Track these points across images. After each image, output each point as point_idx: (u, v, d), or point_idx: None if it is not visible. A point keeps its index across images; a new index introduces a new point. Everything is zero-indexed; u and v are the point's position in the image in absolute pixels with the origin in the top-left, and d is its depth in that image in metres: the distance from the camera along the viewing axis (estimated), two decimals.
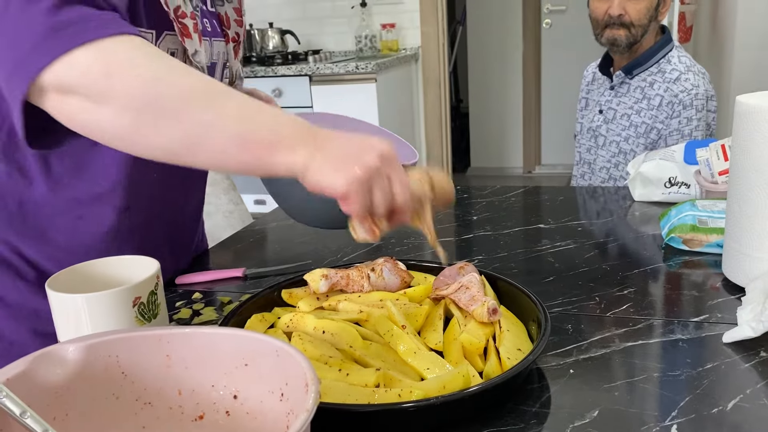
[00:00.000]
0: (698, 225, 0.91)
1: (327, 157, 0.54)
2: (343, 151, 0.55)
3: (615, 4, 1.47)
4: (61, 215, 0.79)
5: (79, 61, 0.53)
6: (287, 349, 0.44)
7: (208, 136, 0.54)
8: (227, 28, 0.90)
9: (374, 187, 0.55)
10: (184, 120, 0.54)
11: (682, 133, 1.48)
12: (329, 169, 0.54)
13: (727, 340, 0.66)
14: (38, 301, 0.81)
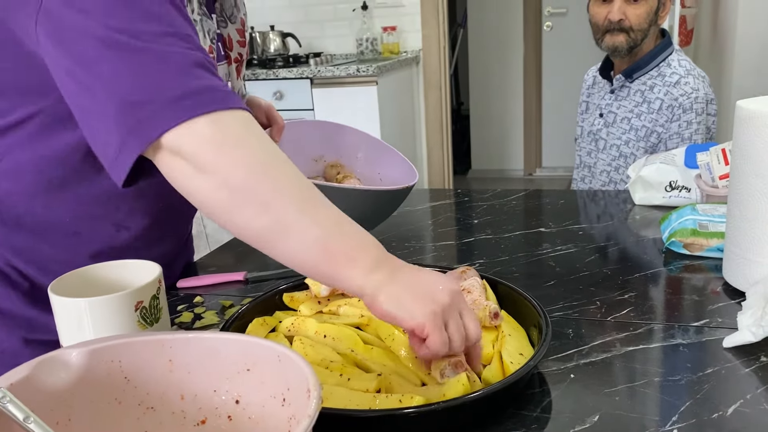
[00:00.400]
0: (699, 229, 0.92)
1: (403, 287, 0.55)
2: (417, 285, 0.56)
3: (615, 9, 1.48)
4: (56, 231, 0.79)
5: (197, 130, 0.56)
6: (289, 354, 0.44)
7: (291, 235, 0.55)
8: (230, 50, 0.90)
9: (450, 321, 0.56)
10: (272, 213, 0.55)
11: (682, 137, 1.48)
12: (408, 300, 0.55)
13: (727, 345, 0.66)
14: (32, 311, 0.81)
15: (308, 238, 0.55)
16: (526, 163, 4.53)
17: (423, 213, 1.24)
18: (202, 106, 0.56)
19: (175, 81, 0.57)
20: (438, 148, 3.31)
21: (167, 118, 0.56)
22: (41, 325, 0.79)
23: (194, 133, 0.55)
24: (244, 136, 0.58)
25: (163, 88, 0.56)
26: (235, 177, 0.55)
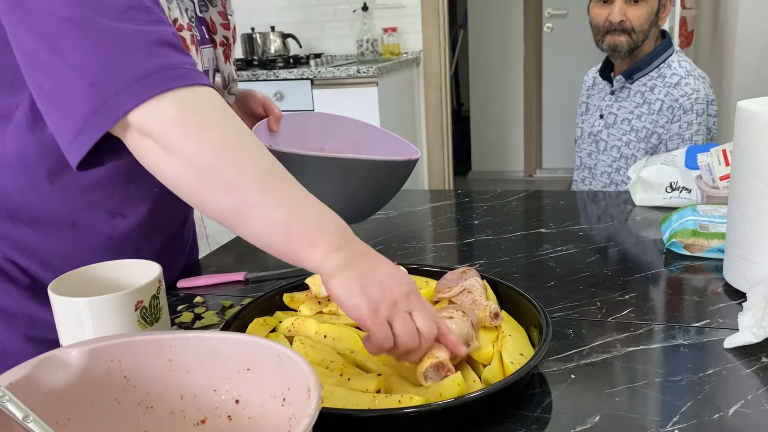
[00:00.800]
0: (699, 230, 0.92)
1: (356, 277, 0.56)
2: (371, 277, 0.57)
3: (615, 10, 1.47)
4: (54, 222, 0.79)
5: (162, 110, 0.56)
6: (289, 353, 0.44)
7: (255, 216, 0.56)
8: (214, 34, 0.90)
9: (396, 318, 0.56)
10: (236, 194, 0.56)
11: (682, 138, 1.48)
12: (357, 291, 0.56)
13: (728, 346, 0.66)
14: (33, 308, 0.81)
15: (271, 220, 0.56)
16: (526, 165, 4.53)
17: (423, 214, 1.24)
18: (165, 83, 0.56)
19: (137, 60, 0.56)
20: (438, 149, 3.31)
21: (131, 98, 0.55)
22: (43, 322, 0.79)
23: (159, 113, 0.56)
24: (209, 114, 0.58)
25: (125, 68, 0.56)
26: (201, 158, 0.56)
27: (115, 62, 0.56)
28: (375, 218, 1.20)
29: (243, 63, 3.10)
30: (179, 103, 0.56)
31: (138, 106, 0.55)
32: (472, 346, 0.60)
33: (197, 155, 0.56)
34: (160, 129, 0.56)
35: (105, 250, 0.82)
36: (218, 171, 0.56)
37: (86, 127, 0.57)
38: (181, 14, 0.76)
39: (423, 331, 0.56)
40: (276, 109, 0.99)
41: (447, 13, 3.19)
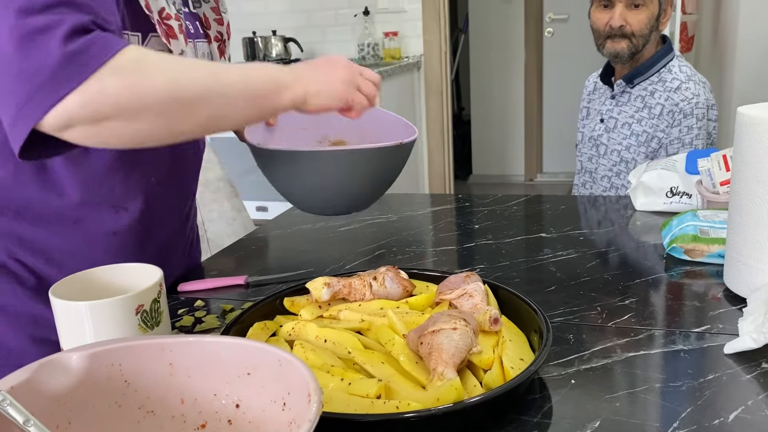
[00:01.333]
0: (700, 235, 0.92)
1: (317, 85, 0.72)
2: (324, 76, 0.73)
3: (616, 15, 1.48)
4: (58, 219, 0.79)
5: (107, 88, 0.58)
6: (290, 358, 0.44)
7: (228, 109, 0.67)
8: (208, 29, 0.92)
9: (360, 85, 0.76)
10: (206, 106, 0.64)
11: (683, 142, 1.48)
12: (326, 94, 0.73)
13: (728, 351, 0.66)
14: (37, 307, 0.81)
15: (240, 106, 0.68)
16: (527, 169, 4.54)
17: (424, 218, 1.24)
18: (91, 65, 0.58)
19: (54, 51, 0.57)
20: (439, 153, 3.31)
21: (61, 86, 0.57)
22: (47, 323, 0.79)
23: (104, 89, 0.58)
24: (146, 67, 0.61)
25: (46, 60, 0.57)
26: (164, 102, 0.61)
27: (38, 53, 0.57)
28: (376, 222, 1.21)
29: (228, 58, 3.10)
30: (115, 76, 0.59)
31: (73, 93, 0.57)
32: (474, 350, 0.60)
33: (159, 103, 0.61)
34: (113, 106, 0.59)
35: (109, 245, 0.83)
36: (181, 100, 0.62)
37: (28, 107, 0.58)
38: (168, 4, 0.78)
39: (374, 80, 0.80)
40: None
41: (448, 17, 3.20)
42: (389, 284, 0.76)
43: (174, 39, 0.78)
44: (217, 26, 0.94)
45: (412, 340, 0.62)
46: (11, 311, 0.81)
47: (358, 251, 1.06)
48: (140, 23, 0.76)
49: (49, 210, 0.79)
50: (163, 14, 0.77)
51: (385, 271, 0.78)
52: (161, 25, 0.77)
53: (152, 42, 0.78)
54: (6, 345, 0.82)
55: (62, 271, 0.81)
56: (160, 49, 0.79)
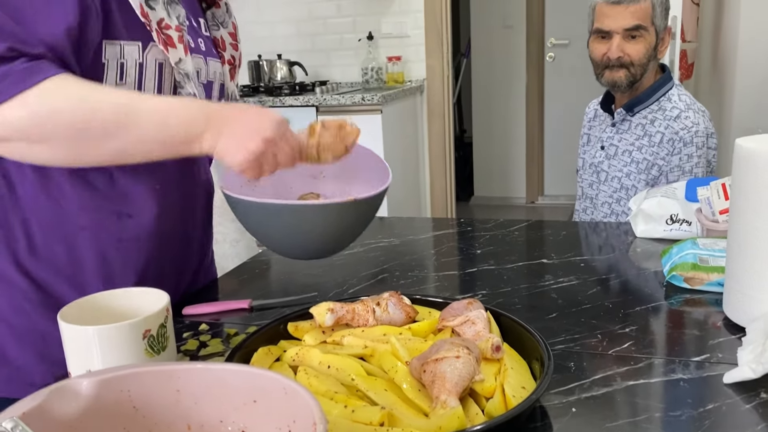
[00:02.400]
0: (699, 263, 0.93)
1: (228, 139, 0.70)
2: (238, 132, 0.70)
3: (614, 46, 1.50)
4: (63, 228, 0.81)
5: (8, 118, 0.63)
6: (295, 387, 0.45)
7: (135, 148, 0.68)
8: (223, 50, 0.96)
9: (263, 163, 0.72)
10: (112, 142, 0.67)
11: (683, 170, 1.50)
12: (231, 152, 0.70)
13: (727, 381, 0.67)
14: (45, 324, 0.82)
15: (149, 143, 0.69)
16: (528, 191, 4.56)
17: (426, 242, 1.25)
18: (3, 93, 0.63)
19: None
20: (441, 176, 3.33)
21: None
22: (55, 340, 0.80)
23: (6, 122, 0.63)
24: (52, 100, 0.65)
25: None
26: (65, 135, 0.65)
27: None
28: (379, 245, 1.22)
29: (249, 89, 3.15)
30: (20, 105, 0.63)
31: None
32: (477, 379, 0.61)
33: (59, 135, 0.65)
34: (14, 132, 0.64)
35: (115, 254, 0.84)
36: (84, 135, 0.65)
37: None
38: (168, 16, 0.81)
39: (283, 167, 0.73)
40: None
41: (450, 42, 3.24)
42: (392, 310, 0.77)
43: (172, 47, 0.81)
44: (232, 50, 0.98)
45: (415, 367, 0.63)
46: (20, 328, 0.82)
47: (361, 275, 1.07)
48: (138, 32, 0.79)
49: (55, 219, 0.80)
50: (162, 24, 0.80)
51: (388, 296, 0.79)
52: (159, 34, 0.79)
53: (153, 51, 0.80)
54: (14, 363, 0.82)
55: (70, 284, 0.82)
56: (161, 57, 0.81)
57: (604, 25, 1.51)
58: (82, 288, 0.83)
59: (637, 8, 1.48)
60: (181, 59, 0.82)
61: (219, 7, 0.96)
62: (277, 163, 0.73)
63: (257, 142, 0.69)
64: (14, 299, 0.82)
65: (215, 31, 0.96)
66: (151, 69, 0.80)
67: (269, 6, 3.38)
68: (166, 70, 0.82)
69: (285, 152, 0.73)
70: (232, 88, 0.99)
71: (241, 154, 0.69)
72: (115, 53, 0.76)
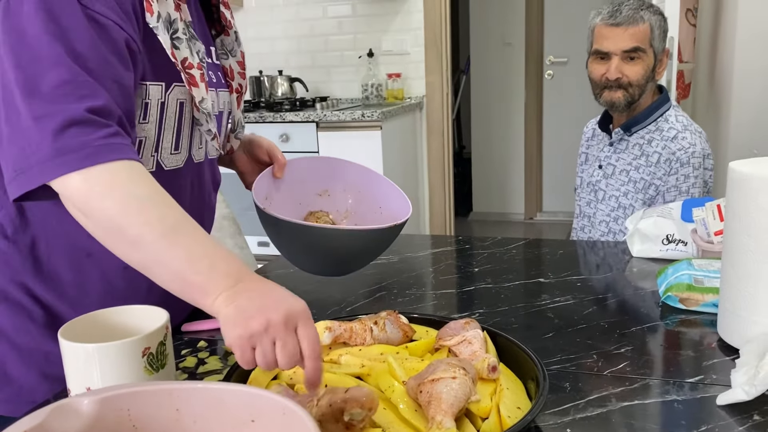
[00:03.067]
0: (694, 284, 0.93)
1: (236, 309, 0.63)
2: (248, 306, 0.63)
3: (612, 68, 1.52)
4: (70, 252, 0.82)
5: (71, 185, 0.66)
6: (293, 408, 0.45)
7: (156, 269, 0.67)
8: (231, 80, 0.97)
9: (258, 346, 0.62)
10: (140, 252, 0.66)
11: (679, 190, 1.51)
12: (230, 324, 0.62)
13: (721, 403, 0.68)
14: (48, 344, 0.82)
15: (169, 274, 0.66)
16: (526, 207, 4.57)
17: (424, 259, 1.26)
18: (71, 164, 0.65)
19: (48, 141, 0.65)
20: (440, 192, 3.35)
21: (45, 172, 0.66)
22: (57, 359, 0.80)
23: (68, 187, 0.66)
24: (112, 186, 0.67)
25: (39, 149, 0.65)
26: (103, 222, 0.66)
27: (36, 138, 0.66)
28: (377, 263, 1.23)
29: (250, 105, 3.17)
30: (83, 180, 0.66)
31: (53, 179, 0.66)
32: (473, 399, 0.62)
33: (100, 219, 0.66)
34: (71, 197, 0.67)
35: (121, 281, 0.85)
36: (118, 232, 0.66)
37: (14, 182, 0.67)
38: (191, 54, 0.82)
39: (280, 365, 0.62)
40: (281, 157, 1.03)
41: (450, 59, 3.27)
42: (389, 329, 0.78)
43: (195, 87, 0.82)
44: (240, 79, 0.99)
45: (412, 387, 0.63)
46: (23, 349, 0.83)
47: (359, 292, 1.08)
48: (163, 73, 0.80)
49: (63, 242, 0.81)
50: (185, 63, 0.81)
51: (385, 315, 0.79)
52: (183, 73, 0.80)
53: (175, 91, 0.82)
54: (18, 381, 0.83)
55: (74, 306, 0.83)
56: (183, 97, 0.83)
57: (603, 46, 1.54)
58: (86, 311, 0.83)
59: (636, 31, 1.50)
60: (203, 98, 0.83)
61: (228, 35, 0.96)
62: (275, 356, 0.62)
63: (260, 321, 0.61)
64: (18, 319, 0.82)
65: (224, 59, 0.97)
66: (172, 108, 0.82)
67: (271, 22, 3.42)
68: (186, 110, 0.84)
69: (290, 347, 0.62)
70: (238, 116, 1.00)
71: (239, 329, 0.61)
72: (141, 94, 0.78)
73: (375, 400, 0.57)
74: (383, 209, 1.08)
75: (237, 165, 1.07)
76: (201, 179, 0.94)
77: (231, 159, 1.06)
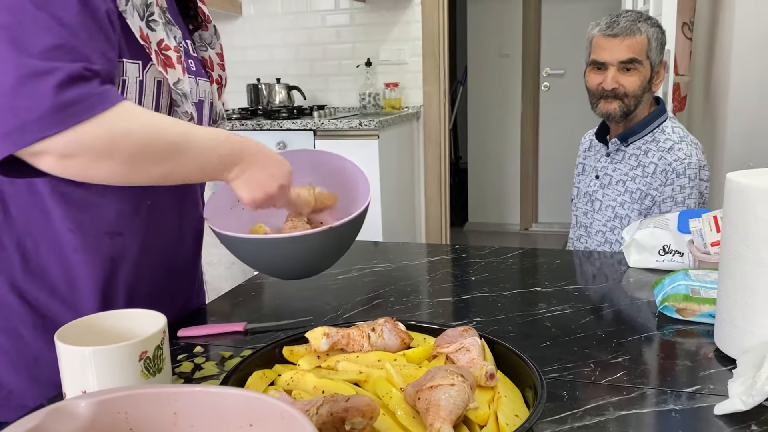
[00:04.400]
0: (691, 294, 0.94)
1: (250, 178, 0.81)
2: (257, 175, 0.81)
3: (609, 78, 1.54)
4: (57, 248, 0.81)
5: (86, 136, 0.66)
6: (292, 412, 0.45)
7: (180, 171, 0.75)
8: (211, 70, 0.99)
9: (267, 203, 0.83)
10: (165, 165, 0.73)
11: (675, 201, 1.52)
12: (245, 190, 0.81)
13: (718, 413, 0.68)
14: (38, 347, 0.82)
15: (190, 170, 0.76)
16: (522, 218, 4.58)
17: (421, 268, 1.26)
18: (79, 115, 0.65)
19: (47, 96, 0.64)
20: (436, 202, 3.35)
21: (45, 128, 0.64)
22: (48, 363, 0.80)
23: (83, 139, 0.66)
24: (127, 123, 0.69)
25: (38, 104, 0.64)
26: (131, 154, 0.69)
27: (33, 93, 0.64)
28: (374, 270, 1.22)
29: (248, 112, 3.17)
30: (98, 125, 0.67)
31: (57, 134, 0.65)
32: (471, 406, 0.62)
33: (127, 154, 0.69)
34: (85, 149, 0.67)
35: (109, 274, 0.85)
36: (146, 156, 0.71)
37: (5, 141, 0.64)
38: (168, 37, 0.84)
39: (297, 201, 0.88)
40: None
41: (447, 70, 3.29)
42: (387, 336, 0.78)
43: (171, 68, 0.83)
44: (219, 70, 1.01)
45: (410, 394, 0.63)
46: (13, 352, 0.82)
47: (355, 300, 1.08)
48: (140, 52, 0.81)
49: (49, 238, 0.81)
50: (161, 45, 0.82)
51: (383, 322, 0.79)
52: (159, 55, 0.81)
53: (151, 70, 0.82)
54: (7, 386, 0.82)
55: (66, 304, 0.82)
56: (160, 76, 0.84)
57: (600, 56, 1.55)
58: (77, 308, 0.83)
59: (633, 42, 1.52)
60: (179, 79, 0.84)
61: (206, 29, 0.99)
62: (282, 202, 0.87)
63: (274, 187, 0.82)
64: (8, 322, 0.82)
65: (203, 51, 0.99)
66: (150, 87, 0.83)
67: (269, 30, 3.43)
68: (164, 89, 0.85)
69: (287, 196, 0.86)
70: (220, 107, 1.02)
71: (260, 193, 0.81)
72: (118, 71, 0.78)
73: (376, 409, 0.57)
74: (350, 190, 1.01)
75: None
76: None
77: None
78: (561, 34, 4.29)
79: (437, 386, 0.60)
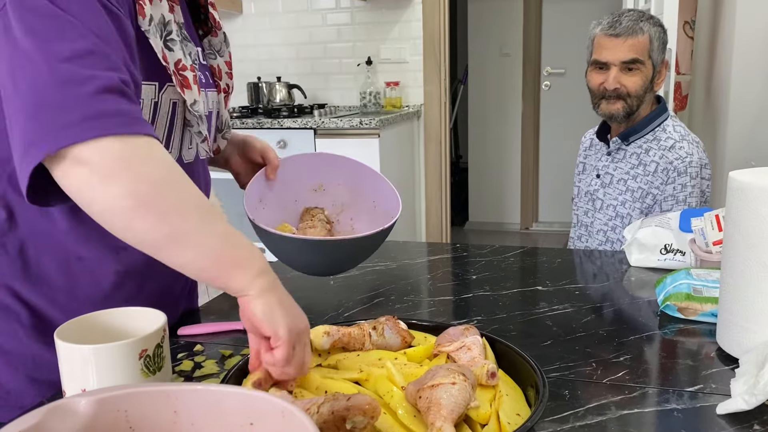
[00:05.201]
0: (693, 294, 0.93)
1: (278, 300, 0.66)
2: (288, 303, 0.67)
3: (611, 78, 1.53)
4: (61, 255, 0.81)
5: (105, 146, 0.61)
6: (293, 410, 0.45)
7: (190, 243, 0.63)
8: (219, 80, 0.97)
9: (298, 345, 0.66)
10: (173, 223, 0.63)
11: (676, 199, 1.52)
12: (278, 312, 0.65)
13: (720, 412, 0.67)
14: (36, 348, 0.82)
15: (205, 246, 0.64)
16: (522, 217, 4.58)
17: (421, 267, 1.26)
18: (109, 128, 0.62)
19: (84, 101, 0.61)
20: (437, 201, 3.35)
21: (74, 134, 0.60)
22: (45, 363, 0.79)
23: (103, 148, 0.61)
24: (150, 157, 0.64)
25: (72, 107, 0.61)
26: (142, 188, 0.62)
27: (62, 101, 0.61)
28: (375, 269, 1.22)
29: (248, 111, 3.17)
30: (123, 143, 0.62)
31: (82, 142, 0.60)
32: (472, 405, 0.61)
33: (138, 185, 0.61)
34: (102, 160, 0.61)
35: (111, 285, 0.84)
36: (157, 201, 0.62)
37: (33, 148, 0.61)
38: (185, 56, 0.82)
39: (304, 366, 0.67)
40: (274, 159, 1.03)
41: (448, 69, 3.28)
42: (388, 334, 0.77)
43: (188, 89, 0.82)
44: (227, 79, 0.99)
45: (411, 393, 0.63)
46: (11, 353, 0.82)
47: (356, 299, 1.07)
48: (156, 73, 0.80)
49: (53, 246, 0.80)
50: (179, 65, 0.80)
51: (384, 321, 0.79)
52: (176, 76, 0.80)
53: (168, 91, 0.81)
54: (5, 386, 0.82)
55: (63, 308, 0.82)
56: (175, 98, 0.82)
57: (601, 56, 1.54)
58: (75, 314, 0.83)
59: (635, 42, 1.51)
60: (195, 101, 0.83)
61: (216, 36, 0.97)
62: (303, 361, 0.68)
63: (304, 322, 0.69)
64: (6, 323, 0.81)
65: (212, 59, 0.97)
66: (164, 108, 0.82)
67: (270, 29, 3.42)
68: (179, 110, 0.84)
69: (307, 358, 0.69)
70: (226, 116, 1.00)
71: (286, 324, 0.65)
72: None
73: (377, 407, 0.57)
74: (377, 204, 1.07)
75: (231, 166, 1.07)
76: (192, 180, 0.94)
77: (225, 160, 1.06)
78: (562, 33, 4.29)
79: (438, 385, 0.60)
